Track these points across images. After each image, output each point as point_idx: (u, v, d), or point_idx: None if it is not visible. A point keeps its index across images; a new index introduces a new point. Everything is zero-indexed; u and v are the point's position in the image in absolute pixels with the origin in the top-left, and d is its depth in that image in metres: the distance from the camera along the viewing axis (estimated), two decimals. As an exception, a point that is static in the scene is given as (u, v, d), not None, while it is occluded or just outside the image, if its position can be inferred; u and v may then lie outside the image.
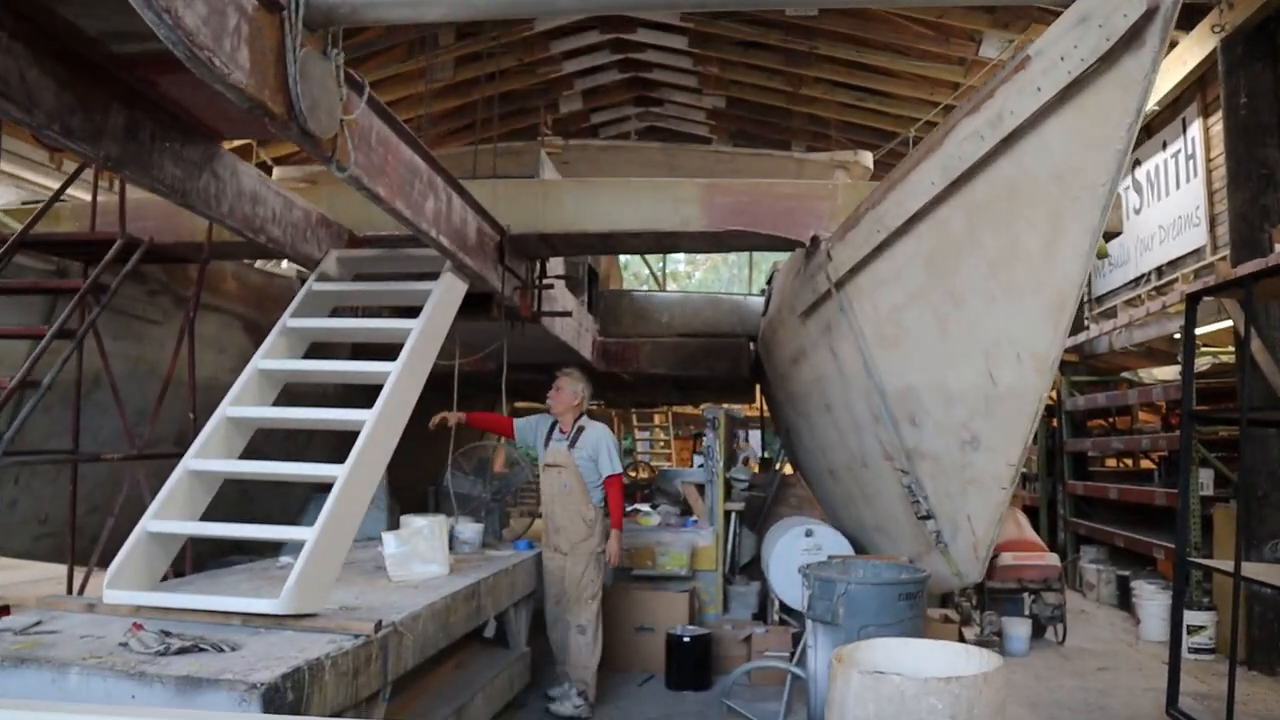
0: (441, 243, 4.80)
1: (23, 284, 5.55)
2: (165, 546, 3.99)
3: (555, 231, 5.89)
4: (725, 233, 5.72)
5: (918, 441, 5.15)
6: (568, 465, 6.19)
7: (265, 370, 4.67)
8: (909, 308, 4.77)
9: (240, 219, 4.64)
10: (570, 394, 6.35)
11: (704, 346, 9.48)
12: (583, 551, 6.15)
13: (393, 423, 4.39)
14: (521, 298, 6.27)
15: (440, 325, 5.05)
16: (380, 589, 4.64)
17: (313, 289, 5.20)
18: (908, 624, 4.71)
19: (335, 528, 3.85)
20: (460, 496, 8.65)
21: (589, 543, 6.16)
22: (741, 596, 7.62)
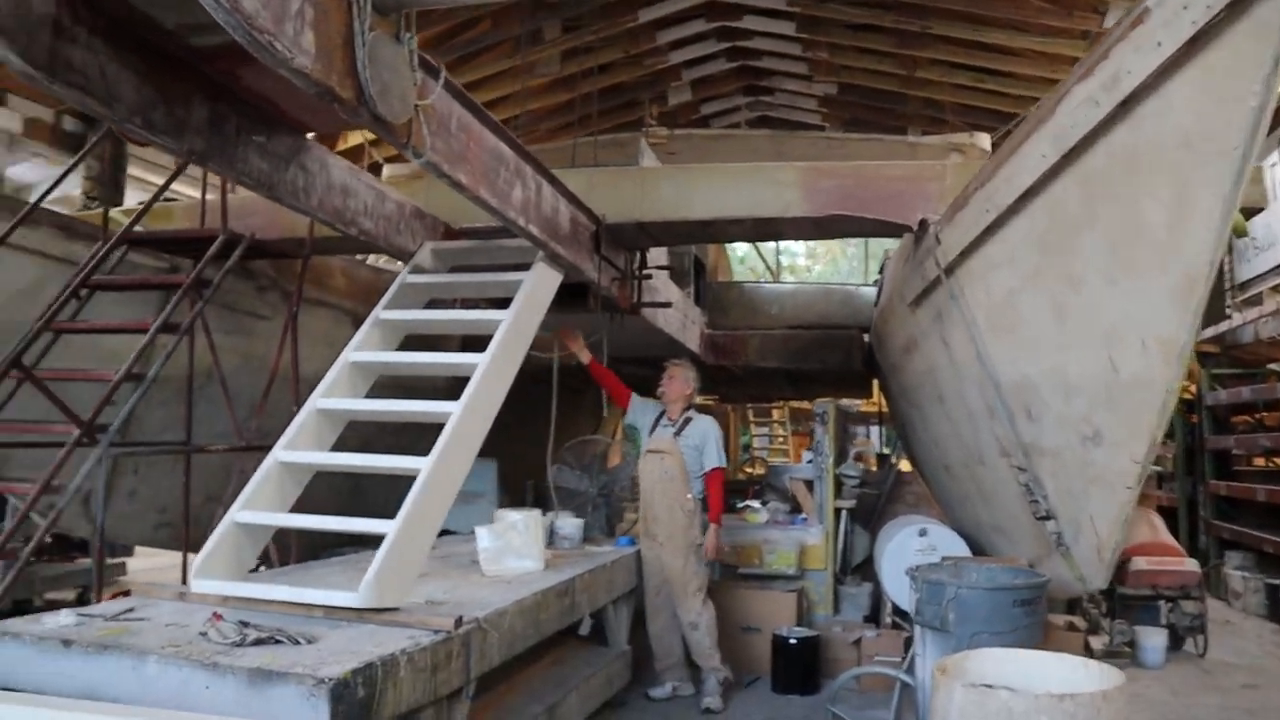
0: (531, 231, 4.70)
1: (129, 280, 5.72)
2: (253, 537, 4.01)
3: (653, 220, 5.75)
4: (828, 218, 5.47)
5: (1035, 436, 4.80)
6: (671, 452, 6.13)
7: (356, 363, 4.68)
8: (1023, 292, 4.44)
9: (330, 211, 4.65)
10: (682, 383, 6.33)
11: (815, 339, 9.18)
12: (680, 543, 6.02)
13: (480, 415, 4.33)
14: (620, 289, 6.15)
15: (532, 317, 4.97)
16: (472, 584, 4.59)
17: (406, 281, 5.19)
18: (1023, 632, 4.38)
19: (418, 521, 3.80)
20: (567, 491, 8.65)
21: (687, 534, 6.05)
22: (853, 598, 7.33)
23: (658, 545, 6.09)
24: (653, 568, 6.13)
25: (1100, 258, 3.79)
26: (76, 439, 4.71)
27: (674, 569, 6.02)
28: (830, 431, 7.24)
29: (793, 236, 5.75)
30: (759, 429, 19.98)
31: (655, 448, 6.25)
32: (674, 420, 6.34)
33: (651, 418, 6.46)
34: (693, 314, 8.76)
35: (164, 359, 5.22)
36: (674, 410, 6.39)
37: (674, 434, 6.24)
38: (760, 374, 9.85)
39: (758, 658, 6.62)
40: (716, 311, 9.70)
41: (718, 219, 5.60)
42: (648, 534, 6.18)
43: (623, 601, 5.98)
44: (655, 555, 6.11)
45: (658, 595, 6.13)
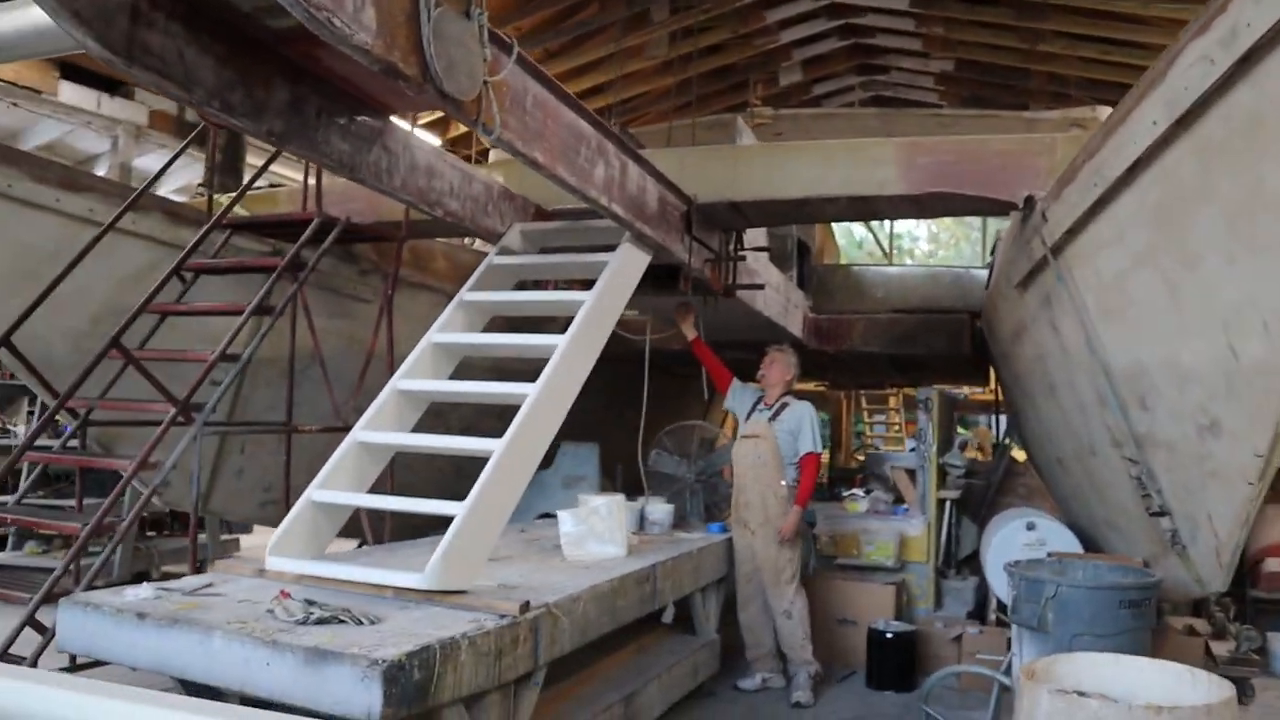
0: (614, 211, 4.61)
1: (227, 263, 5.87)
2: (330, 516, 4.05)
3: (745, 199, 5.58)
4: (926, 195, 5.21)
5: (1149, 427, 4.48)
6: (766, 437, 6.03)
7: (439, 344, 4.68)
8: (1134, 272, 4.12)
9: (414, 192, 4.65)
10: (782, 368, 6.23)
11: (920, 323, 8.83)
12: (773, 530, 5.91)
13: (558, 397, 4.27)
14: (712, 270, 6.00)
15: (617, 298, 4.89)
16: (550, 569, 4.55)
17: (492, 263, 5.18)
18: (1129, 636, 4.09)
19: (488, 504, 3.76)
20: (665, 476, 8.58)
21: (780, 520, 5.90)
22: (957, 592, 7.04)
23: (749, 533, 5.97)
24: (744, 555, 6.02)
25: (1218, 234, 3.48)
26: (172, 417, 4.87)
27: (766, 557, 5.89)
28: (934, 419, 6.96)
29: (891, 215, 5.51)
30: (875, 416, 19.50)
31: (750, 432, 6.13)
32: (771, 405, 6.20)
33: (749, 403, 6.34)
34: (795, 297, 8.54)
35: (258, 340, 5.35)
36: (772, 395, 6.25)
37: (769, 419, 6.10)
38: (865, 359, 9.54)
39: (853, 651, 6.43)
40: (821, 295, 9.44)
41: (811, 197, 5.40)
42: (739, 521, 6.07)
43: (711, 589, 5.87)
44: (747, 543, 5.99)
45: (749, 583, 6.01)
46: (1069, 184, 4.39)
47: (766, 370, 6.25)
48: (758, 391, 6.36)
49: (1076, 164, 4.30)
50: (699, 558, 5.48)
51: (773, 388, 6.24)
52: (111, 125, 9.69)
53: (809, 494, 6.06)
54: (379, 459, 4.29)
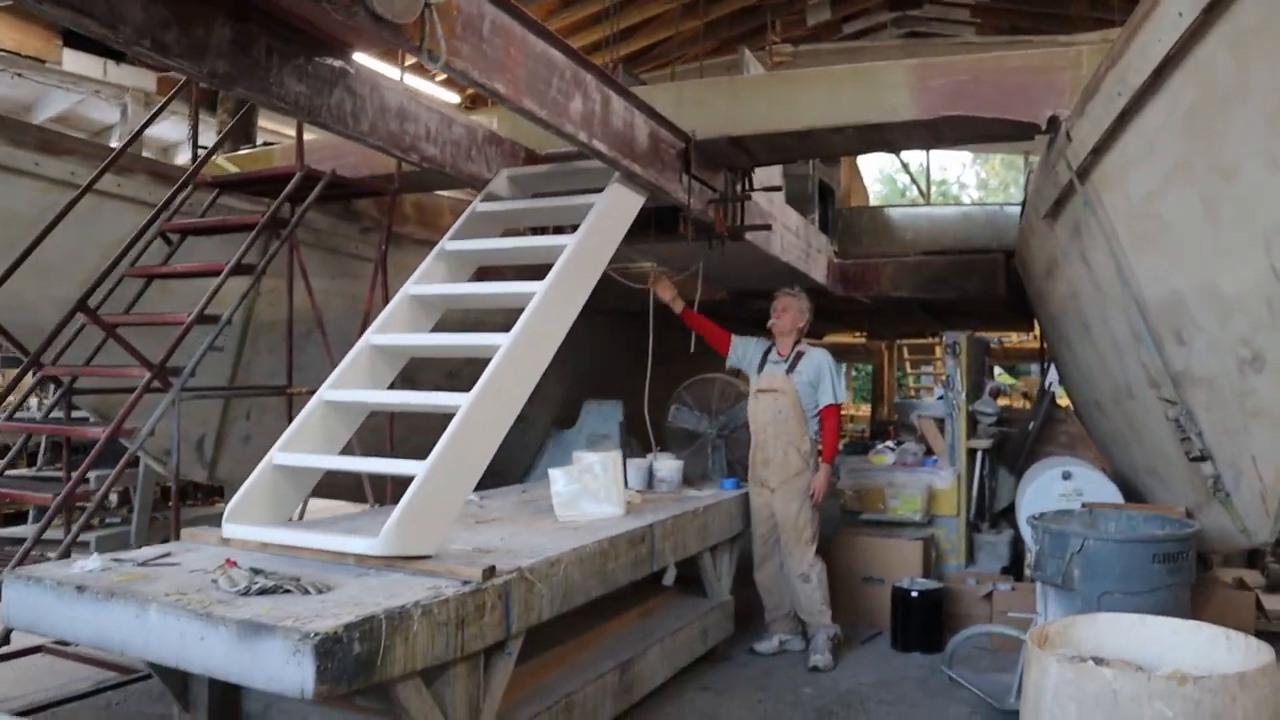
0: (596, 147, 4.29)
1: (206, 223, 5.63)
2: (295, 481, 3.82)
3: (746, 133, 5.20)
4: (941, 120, 4.79)
5: (1187, 363, 4.08)
6: (786, 390, 5.67)
7: (416, 296, 4.41)
8: (1166, 191, 3.71)
9: (385, 137, 4.35)
10: (795, 314, 5.83)
11: (951, 264, 8.36)
12: (795, 488, 5.58)
13: (536, 347, 3.98)
14: (717, 212, 5.64)
15: (604, 242, 4.58)
16: (537, 530, 4.29)
17: (476, 210, 4.89)
18: (1165, 594, 3.73)
19: (455, 462, 3.49)
20: (685, 432, 8.29)
21: (802, 478, 5.59)
22: (991, 547, 6.68)
23: (768, 491, 5.65)
24: (761, 514, 5.71)
25: (1257, 135, 3.07)
26: (146, 383, 4.67)
27: (787, 516, 5.58)
28: (962, 364, 6.56)
29: (905, 144, 5.11)
30: (923, 367, 18.97)
31: (766, 386, 5.78)
32: (785, 356, 5.80)
33: (758, 355, 5.93)
34: (818, 241, 8.14)
35: (239, 301, 5.12)
36: (784, 344, 5.85)
37: (786, 370, 5.74)
38: (895, 305, 9.10)
39: (879, 611, 6.11)
40: (848, 239, 9.00)
41: (817, 128, 5.00)
42: (756, 479, 5.75)
43: (724, 549, 5.58)
44: (765, 501, 5.68)
45: (764, 543, 5.72)
46: (1092, 97, 3.97)
47: (778, 318, 5.84)
48: (763, 343, 5.98)
49: (1100, 73, 3.87)
50: (706, 516, 5.18)
51: (785, 336, 5.84)
52: (120, 93, 9.52)
53: (835, 448, 5.76)
54: (349, 419, 4.04)
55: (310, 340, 6.22)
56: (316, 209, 6.59)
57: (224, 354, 6.43)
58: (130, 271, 5.41)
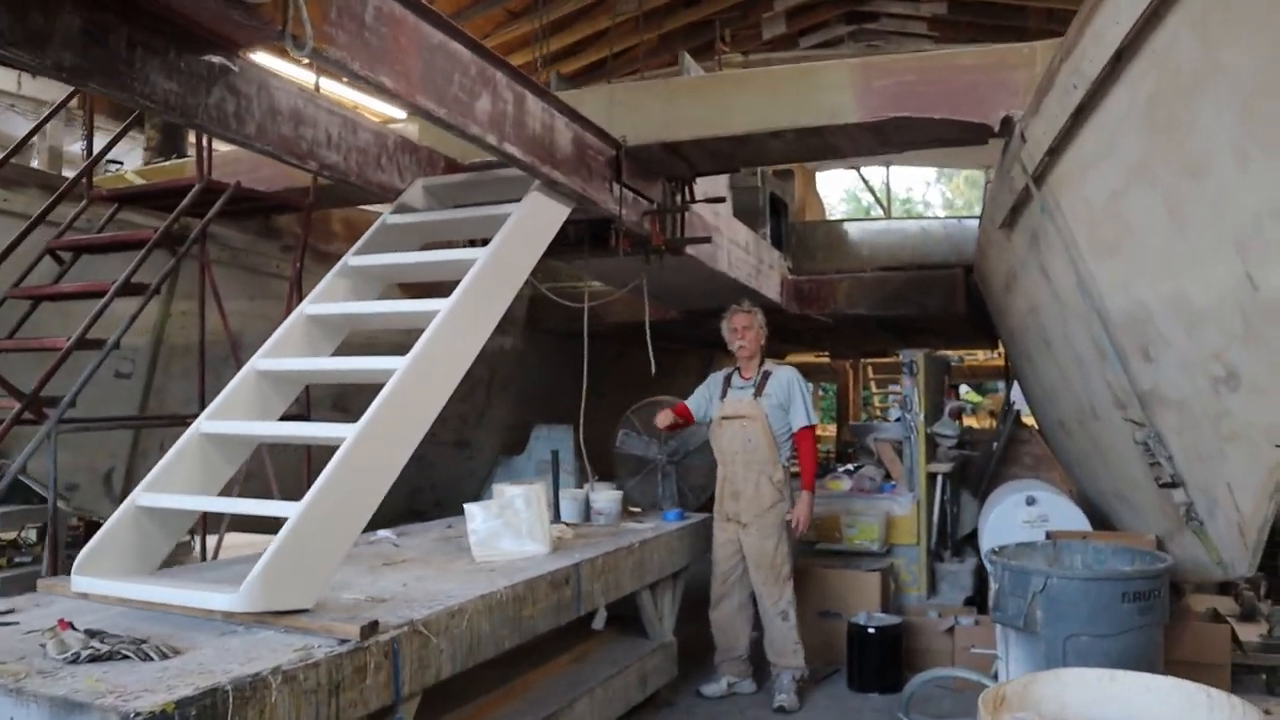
0: (508, 152, 3.91)
1: (98, 239, 5.20)
2: (164, 524, 3.37)
3: (681, 139, 4.85)
4: (887, 123, 4.46)
5: (1154, 382, 3.75)
6: (754, 416, 5.27)
7: (313, 316, 3.99)
8: (1128, 191, 3.38)
9: (276, 141, 3.94)
10: (759, 332, 5.45)
11: (908, 281, 8.04)
12: (770, 522, 5.21)
13: (437, 373, 3.57)
14: (653, 223, 5.28)
15: (522, 254, 4.19)
16: (449, 573, 3.86)
17: (386, 222, 4.49)
18: (1136, 635, 3.37)
19: (336, 503, 3.08)
20: (633, 458, 7.88)
21: (776, 510, 5.22)
22: (954, 576, 6.32)
23: (737, 527, 5.27)
24: (725, 550, 5.32)
25: (1227, 126, 2.74)
26: (15, 414, 4.22)
27: (762, 553, 5.20)
28: (920, 383, 6.22)
29: (850, 150, 4.78)
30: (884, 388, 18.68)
31: (732, 412, 5.35)
32: (749, 378, 5.40)
33: (719, 386, 5.53)
34: (769, 257, 7.80)
35: (126, 324, 4.69)
36: (749, 367, 5.44)
37: (754, 394, 5.33)
38: (854, 323, 8.77)
39: (836, 647, 5.72)
40: (802, 255, 8.66)
41: (755, 133, 4.65)
42: (723, 513, 5.35)
43: (665, 586, 5.18)
44: (731, 537, 5.30)
45: (724, 582, 5.32)
46: (1046, 92, 3.65)
47: (741, 338, 5.40)
48: (719, 373, 5.62)
49: (1053, 66, 3.56)
50: (643, 551, 4.78)
51: (751, 358, 5.44)
52: (37, 107, 9.05)
53: (814, 474, 5.40)
54: (230, 454, 3.60)
55: (227, 365, 5.78)
56: (231, 225, 6.20)
57: (133, 380, 5.98)
58: (12, 292, 4.97)
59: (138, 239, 4.87)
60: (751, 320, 5.44)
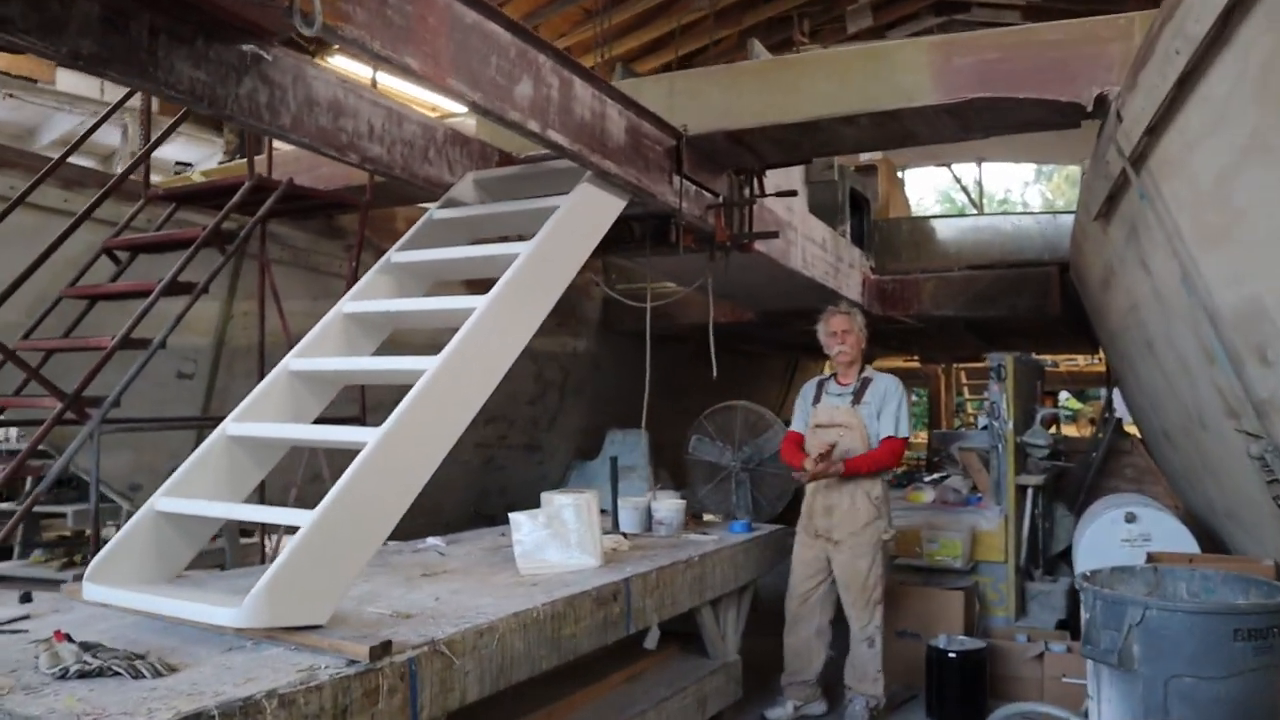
0: (552, 140, 3.68)
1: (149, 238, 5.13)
2: (186, 530, 3.22)
3: (745, 127, 4.55)
4: (967, 105, 4.09)
5: (1273, 389, 3.31)
6: (852, 425, 4.90)
7: (352, 314, 3.83)
8: (1239, 171, 2.98)
9: (314, 134, 3.79)
10: (859, 336, 5.09)
11: (999, 279, 7.55)
12: (866, 541, 4.83)
13: (471, 374, 3.35)
14: (717, 218, 4.99)
15: (568, 249, 3.96)
16: (490, 586, 3.64)
17: (433, 218, 4.30)
18: (1251, 679, 2.95)
19: (353, 512, 2.88)
20: (706, 465, 7.62)
21: (873, 529, 4.85)
22: (1044, 597, 5.88)
23: (829, 544, 4.90)
24: (809, 569, 4.97)
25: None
26: (57, 414, 4.15)
27: (854, 574, 4.84)
28: (1009, 389, 5.79)
29: (927, 136, 4.41)
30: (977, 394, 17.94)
31: (827, 420, 4.99)
32: (847, 384, 5.06)
33: (810, 391, 5.22)
34: (850, 255, 7.43)
35: (173, 323, 4.60)
36: (848, 372, 5.09)
37: (851, 401, 4.97)
38: (941, 325, 8.32)
39: (915, 670, 5.34)
40: (885, 254, 8.25)
41: (824, 119, 4.33)
42: (811, 530, 4.98)
43: (729, 601, 4.89)
44: (818, 555, 4.94)
45: (804, 603, 4.98)
46: (1145, 63, 3.26)
47: (841, 343, 5.03)
48: (812, 382, 5.32)
49: (1153, 31, 3.16)
50: (704, 565, 4.49)
51: (851, 364, 5.07)
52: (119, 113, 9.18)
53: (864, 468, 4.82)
54: (258, 457, 3.44)
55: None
56: (292, 225, 6.14)
57: (195, 381, 5.96)
58: (66, 292, 4.95)
59: (189, 237, 4.78)
60: (851, 323, 5.06)
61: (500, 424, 8.46)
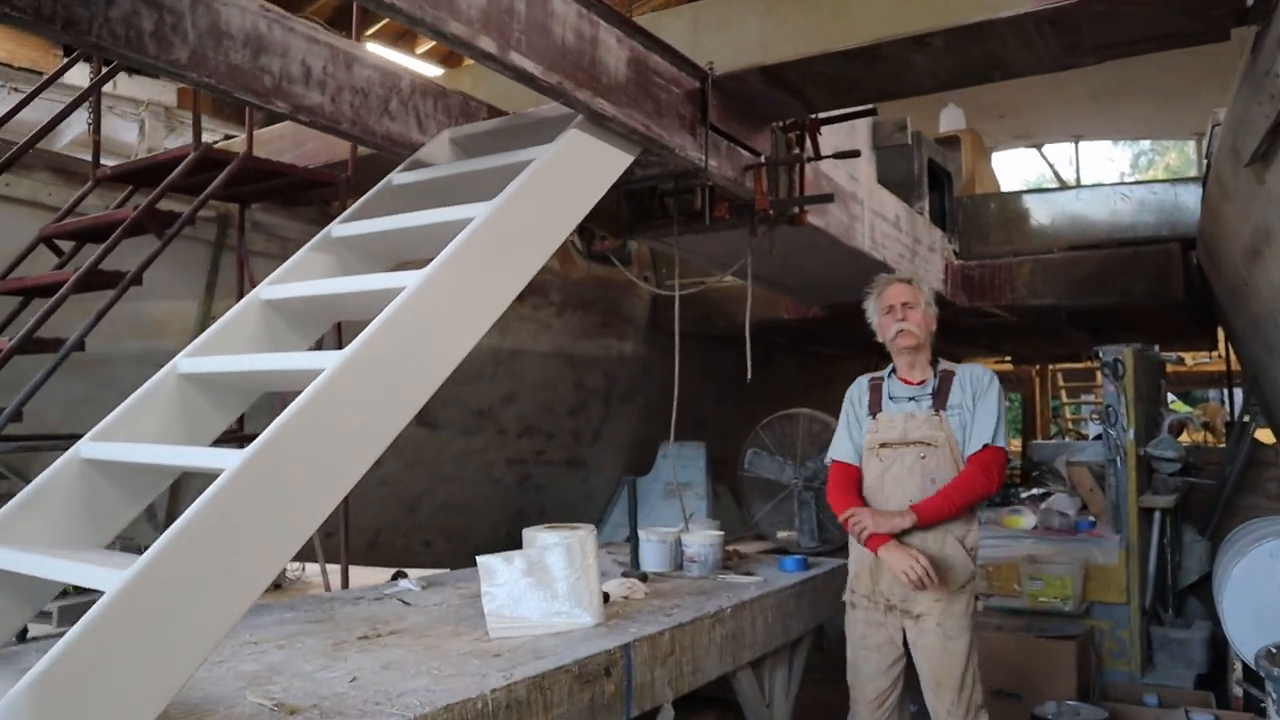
0: (515, 64, 2.79)
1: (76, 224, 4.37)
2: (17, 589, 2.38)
3: (785, 60, 3.59)
4: (1076, 9, 3.06)
5: None
6: (935, 442, 3.35)
7: (273, 301, 2.97)
8: None
9: (224, 74, 2.97)
10: (926, 313, 3.49)
11: (1108, 261, 6.39)
12: (960, 611, 3.33)
13: (393, 377, 2.45)
14: (757, 180, 4.04)
15: (548, 211, 3.04)
16: (436, 658, 2.74)
17: (391, 183, 3.44)
18: None
19: (192, 573, 2.00)
20: (762, 483, 6.67)
21: (966, 594, 3.35)
22: (1176, 647, 4.77)
23: (903, 617, 3.38)
24: (883, 661, 3.42)
25: None
26: (-66, 430, 3.40)
27: (946, 662, 3.30)
28: (1128, 390, 4.70)
29: (1023, 63, 3.33)
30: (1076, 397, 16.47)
31: (895, 437, 3.42)
32: (919, 382, 3.50)
33: (861, 397, 3.61)
34: (928, 237, 6.38)
35: (91, 322, 3.82)
36: (916, 364, 3.52)
37: (931, 405, 3.42)
38: (1036, 317, 7.18)
39: (1015, 740, 4.29)
40: (971, 235, 7.14)
41: (885, 42, 3.35)
42: (878, 595, 3.43)
43: (776, 662, 3.90)
44: (890, 637, 3.40)
45: (881, 705, 3.43)
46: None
47: (903, 317, 3.45)
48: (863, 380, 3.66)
49: None
50: (739, 619, 3.53)
51: (918, 349, 3.50)
52: (135, 107, 8.63)
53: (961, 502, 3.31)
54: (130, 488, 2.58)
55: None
56: (282, 214, 5.41)
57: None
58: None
59: (112, 220, 4.01)
60: (913, 293, 3.50)
61: (537, 437, 7.62)
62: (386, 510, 6.75)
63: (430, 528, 7.12)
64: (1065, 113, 11.22)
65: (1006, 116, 11.14)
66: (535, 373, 7.04)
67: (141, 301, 4.81)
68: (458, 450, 6.90)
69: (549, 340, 7.02)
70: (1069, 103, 10.72)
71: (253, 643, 2.89)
